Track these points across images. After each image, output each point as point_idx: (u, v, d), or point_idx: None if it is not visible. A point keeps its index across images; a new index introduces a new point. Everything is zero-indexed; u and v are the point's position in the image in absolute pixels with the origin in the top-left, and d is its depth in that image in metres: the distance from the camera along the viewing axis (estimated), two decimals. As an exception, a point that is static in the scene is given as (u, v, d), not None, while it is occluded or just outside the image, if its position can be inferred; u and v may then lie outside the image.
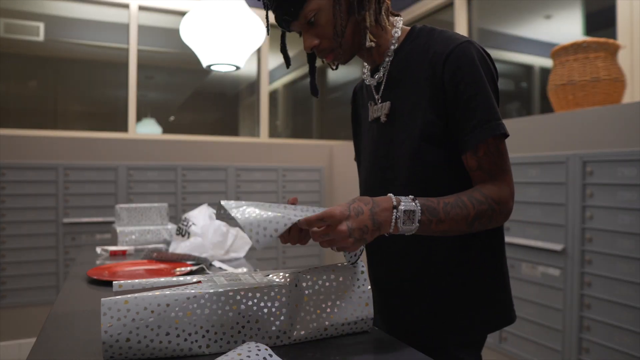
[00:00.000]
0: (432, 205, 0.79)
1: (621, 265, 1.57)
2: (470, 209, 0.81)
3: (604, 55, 1.77)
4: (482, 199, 0.82)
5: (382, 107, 0.96)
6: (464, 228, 0.82)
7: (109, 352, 0.68)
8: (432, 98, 0.87)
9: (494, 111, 0.84)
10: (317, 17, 0.87)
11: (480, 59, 0.84)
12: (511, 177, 0.87)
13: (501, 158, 0.85)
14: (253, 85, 3.90)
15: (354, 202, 0.76)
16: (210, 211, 1.66)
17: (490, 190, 0.83)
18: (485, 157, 0.84)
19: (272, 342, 0.77)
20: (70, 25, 3.31)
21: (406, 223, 0.76)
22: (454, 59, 0.84)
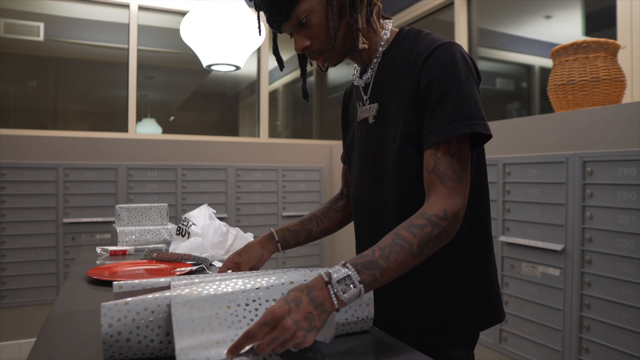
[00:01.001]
0: (367, 259, 0.72)
1: (621, 265, 1.57)
2: (412, 239, 0.74)
3: (604, 55, 1.77)
4: (423, 221, 0.76)
5: (370, 108, 0.97)
6: (414, 260, 0.75)
7: (109, 352, 0.68)
8: (411, 98, 0.87)
9: (466, 111, 0.80)
10: (309, 18, 0.88)
11: (461, 60, 0.83)
12: (466, 186, 0.81)
13: (460, 163, 0.80)
14: (253, 85, 3.90)
15: (290, 294, 0.68)
16: (210, 211, 1.66)
17: (436, 204, 0.78)
18: (443, 158, 0.80)
19: (272, 342, 0.77)
20: (70, 25, 3.31)
21: (347, 291, 0.68)
22: (432, 59, 0.84)
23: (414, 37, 0.92)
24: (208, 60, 1.90)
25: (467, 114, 0.80)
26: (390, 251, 0.73)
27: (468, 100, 0.81)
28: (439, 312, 0.92)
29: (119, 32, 3.33)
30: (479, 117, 0.80)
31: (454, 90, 0.81)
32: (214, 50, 1.85)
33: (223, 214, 3.20)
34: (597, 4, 2.57)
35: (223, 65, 1.94)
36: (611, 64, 1.77)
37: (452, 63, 0.82)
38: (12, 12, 3.11)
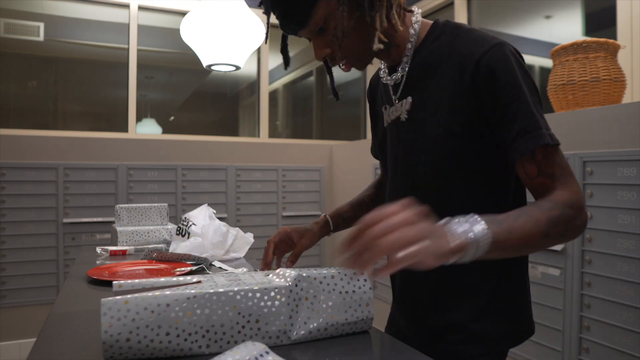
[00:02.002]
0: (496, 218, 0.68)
1: (621, 265, 1.57)
2: (541, 217, 0.70)
3: (604, 55, 1.77)
4: (551, 204, 0.72)
5: (403, 104, 0.90)
6: (538, 240, 0.70)
7: (109, 352, 0.68)
8: (457, 102, 0.81)
9: (536, 119, 0.77)
10: (328, 24, 0.81)
11: (515, 62, 0.79)
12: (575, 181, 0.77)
13: (562, 161, 0.78)
14: (253, 85, 3.90)
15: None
16: (210, 211, 1.65)
17: (560, 195, 0.74)
18: (545, 160, 0.76)
19: (272, 342, 0.77)
20: (70, 25, 3.31)
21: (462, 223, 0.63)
22: (486, 63, 0.78)
23: (452, 32, 0.85)
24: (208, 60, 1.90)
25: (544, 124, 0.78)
26: (518, 216, 0.69)
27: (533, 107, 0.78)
28: (474, 325, 0.89)
29: (119, 32, 3.33)
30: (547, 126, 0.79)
31: (519, 96, 0.77)
32: (214, 50, 1.85)
33: (223, 214, 3.20)
34: (597, 4, 2.57)
35: (223, 65, 1.94)
36: (611, 64, 1.77)
37: (510, 67, 0.78)
38: (12, 12, 3.11)
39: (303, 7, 0.79)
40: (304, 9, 0.79)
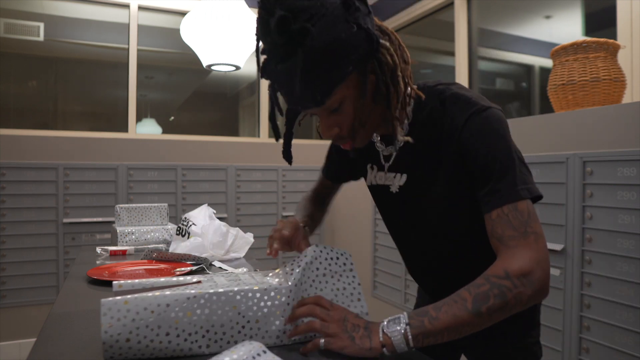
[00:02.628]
0: (421, 309, 0.74)
1: (621, 265, 1.57)
2: (467, 296, 0.72)
3: (604, 55, 1.77)
4: (481, 280, 0.73)
5: (395, 177, 0.93)
6: (470, 317, 0.71)
7: (109, 352, 0.68)
8: (451, 168, 0.84)
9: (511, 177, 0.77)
10: (343, 106, 0.79)
11: (496, 123, 0.80)
12: (535, 239, 0.74)
13: (520, 220, 0.75)
14: (253, 85, 3.90)
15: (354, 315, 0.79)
16: (210, 211, 1.65)
17: (497, 264, 0.74)
18: (498, 220, 0.76)
19: (272, 342, 0.77)
20: (70, 25, 3.31)
21: (391, 326, 0.72)
22: (468, 128, 0.80)
23: (436, 98, 0.85)
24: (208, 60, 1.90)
25: (511, 181, 0.77)
26: (443, 304, 0.73)
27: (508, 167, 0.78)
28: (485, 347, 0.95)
29: (119, 32, 3.33)
30: (522, 182, 0.78)
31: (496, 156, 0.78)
32: (214, 50, 1.85)
33: (223, 214, 3.20)
34: (597, 4, 2.57)
35: (223, 65, 1.94)
36: (611, 64, 1.77)
37: (489, 129, 0.79)
38: (12, 12, 3.11)
39: (324, 87, 0.75)
40: (325, 90, 0.75)
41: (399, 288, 2.71)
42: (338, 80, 0.74)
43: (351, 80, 0.77)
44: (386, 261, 2.84)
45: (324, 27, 0.70)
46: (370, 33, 0.74)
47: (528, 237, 0.74)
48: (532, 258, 0.73)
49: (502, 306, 0.71)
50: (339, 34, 0.71)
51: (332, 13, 0.70)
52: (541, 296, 0.74)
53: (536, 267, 0.72)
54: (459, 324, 0.71)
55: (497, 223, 0.76)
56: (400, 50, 0.82)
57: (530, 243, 0.74)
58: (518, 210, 0.75)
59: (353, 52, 0.73)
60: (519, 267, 0.72)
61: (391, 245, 2.78)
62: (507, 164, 0.78)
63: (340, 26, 0.71)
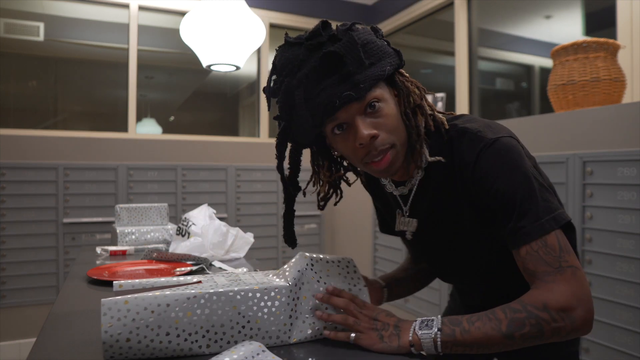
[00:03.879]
0: (456, 317, 0.75)
1: (621, 265, 1.57)
2: (502, 318, 0.71)
3: (604, 55, 1.77)
4: (519, 306, 0.71)
5: (410, 222, 0.92)
6: (501, 339, 0.71)
7: (109, 352, 0.68)
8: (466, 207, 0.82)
9: (534, 209, 0.73)
10: (381, 106, 0.77)
11: (508, 154, 0.76)
12: (573, 273, 0.71)
13: (552, 255, 0.71)
14: (253, 85, 3.90)
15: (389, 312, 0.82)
16: (210, 211, 1.65)
17: (532, 296, 0.72)
18: (528, 257, 0.73)
19: (272, 342, 0.77)
20: (70, 25, 3.31)
21: (423, 328, 0.74)
22: (480, 165, 0.77)
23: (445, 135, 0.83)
24: (208, 60, 1.90)
25: (534, 215, 0.73)
26: (477, 319, 0.73)
27: (529, 198, 0.74)
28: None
29: (119, 32, 3.33)
30: (546, 212, 0.73)
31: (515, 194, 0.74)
32: (214, 50, 1.85)
33: (223, 214, 3.20)
34: (597, 4, 2.57)
35: (223, 65, 1.94)
36: (611, 64, 1.77)
37: (502, 165, 0.76)
38: (12, 12, 3.11)
39: (366, 77, 0.75)
40: (368, 81, 0.75)
41: (399, 288, 2.71)
42: (378, 73, 0.76)
43: (385, 89, 0.79)
44: (386, 261, 2.84)
45: (362, 32, 0.77)
46: (397, 51, 0.81)
47: (564, 271, 0.71)
48: (572, 294, 0.70)
49: (538, 336, 0.71)
50: (372, 37, 0.78)
51: (364, 30, 0.79)
52: (583, 332, 0.72)
53: (577, 303, 0.70)
54: (490, 342, 0.72)
55: (528, 260, 0.73)
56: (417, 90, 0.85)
57: (568, 278, 0.71)
58: (548, 245, 0.72)
59: (387, 57, 0.79)
60: (557, 302, 0.70)
61: (391, 245, 2.78)
62: (527, 195, 0.74)
63: (371, 37, 0.78)
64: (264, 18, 3.58)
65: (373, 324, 0.78)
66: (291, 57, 0.76)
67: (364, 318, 0.79)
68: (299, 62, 0.75)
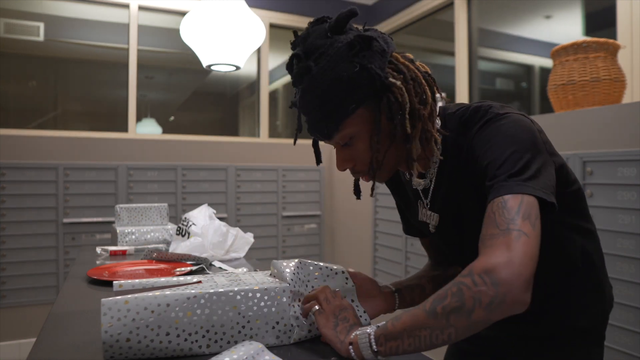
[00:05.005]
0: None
1: (621, 265, 1.57)
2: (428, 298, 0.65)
3: (604, 55, 1.77)
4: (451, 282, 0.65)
5: (432, 216, 0.90)
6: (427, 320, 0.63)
7: (109, 352, 0.68)
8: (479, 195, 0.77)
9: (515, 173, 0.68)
10: (354, 142, 0.79)
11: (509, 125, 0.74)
12: (518, 237, 0.62)
13: (505, 216, 0.64)
14: (253, 85, 3.90)
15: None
16: (210, 211, 1.65)
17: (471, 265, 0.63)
18: (486, 218, 0.67)
19: (272, 342, 0.77)
20: (70, 25, 3.31)
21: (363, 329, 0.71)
22: (478, 138, 0.76)
23: (458, 123, 0.82)
24: (208, 60, 1.90)
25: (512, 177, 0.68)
26: (413, 308, 0.69)
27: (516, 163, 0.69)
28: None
29: (119, 32, 3.33)
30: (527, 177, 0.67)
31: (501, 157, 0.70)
32: (214, 50, 1.85)
33: (223, 214, 3.20)
34: (597, 4, 2.57)
35: (223, 65, 1.94)
36: (611, 64, 1.77)
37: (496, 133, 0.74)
38: (12, 12, 3.11)
39: (331, 122, 0.77)
40: (333, 125, 0.77)
41: (399, 288, 2.71)
42: (342, 117, 0.76)
43: (361, 117, 0.77)
44: (386, 261, 2.84)
45: (327, 65, 0.74)
46: (372, 73, 0.74)
47: (509, 234, 0.62)
48: (503, 256, 0.60)
49: (459, 307, 0.60)
50: (340, 73, 0.74)
51: (336, 53, 0.74)
52: (510, 303, 0.59)
53: (504, 265, 0.59)
54: (417, 325, 0.64)
55: (484, 223, 0.67)
56: (417, 88, 0.78)
57: (509, 241, 0.61)
58: (507, 207, 0.65)
59: (355, 91, 0.75)
60: (482, 264, 0.61)
61: (391, 245, 2.78)
62: (518, 161, 0.69)
63: (343, 65, 0.74)
64: (264, 18, 3.57)
65: (337, 312, 0.77)
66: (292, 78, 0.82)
67: (332, 303, 0.78)
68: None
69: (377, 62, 0.75)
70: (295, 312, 0.79)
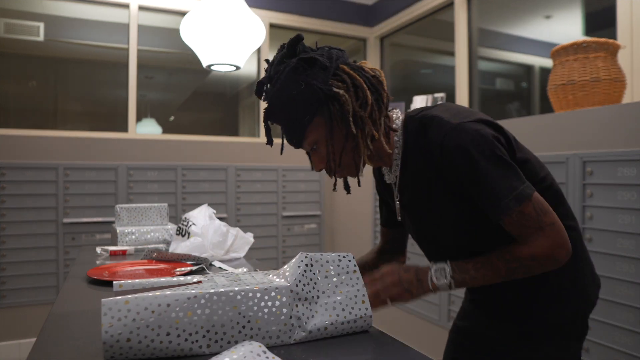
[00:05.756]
0: (464, 264, 0.90)
1: (621, 265, 1.57)
2: (501, 267, 0.87)
3: (604, 55, 1.77)
4: (511, 258, 0.87)
5: (397, 205, 1.05)
6: (500, 280, 0.89)
7: (109, 352, 0.68)
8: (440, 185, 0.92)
9: (497, 192, 0.84)
10: (318, 147, 0.95)
11: (468, 137, 0.85)
12: (551, 228, 0.85)
13: (529, 219, 0.85)
14: (253, 85, 3.90)
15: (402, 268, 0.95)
16: (210, 211, 1.66)
17: (520, 250, 0.86)
18: (511, 226, 0.86)
19: (272, 342, 0.77)
20: (70, 25, 3.31)
21: (439, 278, 0.90)
22: (445, 148, 0.87)
23: (419, 125, 0.94)
24: (208, 60, 1.90)
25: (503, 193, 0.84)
26: (482, 266, 0.88)
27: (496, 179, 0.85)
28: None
29: (119, 32, 3.33)
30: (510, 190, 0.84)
31: (480, 176, 0.85)
32: (214, 50, 1.85)
33: (223, 214, 3.20)
34: (597, 4, 2.57)
35: (223, 65, 1.94)
36: (611, 64, 1.77)
37: (463, 149, 0.85)
38: (12, 12, 3.11)
39: (296, 133, 0.93)
40: (298, 134, 0.94)
41: (399, 288, 2.71)
42: (302, 127, 0.92)
43: (319, 125, 0.92)
44: (386, 261, 2.84)
45: (280, 87, 0.90)
46: (315, 89, 0.89)
47: (544, 229, 0.85)
48: (553, 244, 0.85)
49: (526, 275, 0.88)
50: (291, 92, 0.90)
51: (285, 76, 0.89)
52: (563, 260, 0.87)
53: (558, 250, 0.85)
54: (491, 282, 0.89)
55: (512, 228, 0.86)
56: (359, 92, 0.91)
57: (548, 233, 0.85)
58: (525, 214, 0.84)
59: (304, 104, 0.90)
60: (542, 253, 0.85)
61: (391, 245, 2.77)
62: (491, 175, 0.84)
63: (292, 85, 0.89)
64: (264, 18, 3.58)
65: (401, 286, 0.91)
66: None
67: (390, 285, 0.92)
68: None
69: (320, 77, 0.89)
70: (297, 312, 0.79)
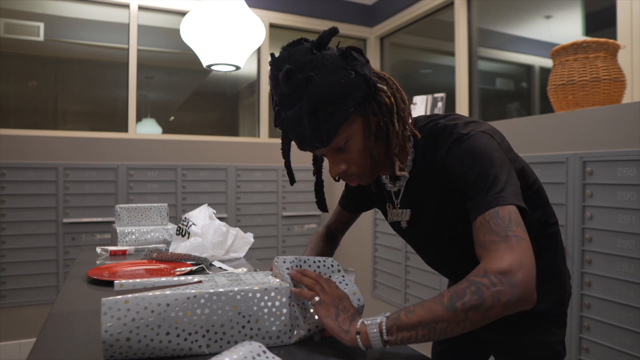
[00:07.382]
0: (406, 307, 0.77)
1: (621, 265, 1.57)
2: (445, 293, 0.72)
3: (604, 55, 1.77)
4: (463, 280, 0.73)
5: (403, 213, 0.99)
6: (444, 312, 0.70)
7: (109, 352, 0.68)
8: (446, 198, 0.89)
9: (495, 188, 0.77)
10: (348, 144, 0.86)
11: (476, 145, 0.82)
12: (519, 242, 0.72)
13: (501, 225, 0.74)
14: (253, 85, 3.90)
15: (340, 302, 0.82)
16: (210, 211, 1.66)
17: (479, 266, 0.73)
18: (480, 228, 0.76)
19: (272, 342, 0.77)
20: (70, 25, 3.31)
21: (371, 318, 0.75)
22: (451, 155, 0.84)
23: (428, 135, 0.90)
24: (208, 60, 1.90)
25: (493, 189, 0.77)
26: (424, 301, 0.74)
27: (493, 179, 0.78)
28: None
29: (119, 32, 3.33)
30: (506, 190, 0.77)
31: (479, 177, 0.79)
32: (214, 50, 1.85)
33: (223, 214, 3.20)
34: (597, 4, 2.57)
35: (223, 65, 1.94)
36: (611, 64, 1.77)
37: (469, 155, 0.82)
38: (12, 12, 3.11)
39: (330, 128, 0.82)
40: (331, 130, 0.82)
41: (399, 288, 2.71)
42: (341, 120, 0.82)
43: (355, 121, 0.85)
44: (386, 261, 2.84)
45: (325, 74, 0.80)
46: (367, 78, 0.83)
47: (509, 240, 0.72)
48: (513, 259, 0.70)
49: (479, 304, 0.69)
50: (339, 80, 0.81)
51: (332, 63, 0.81)
52: (524, 302, 0.70)
53: (517, 267, 0.69)
54: (433, 318, 0.70)
55: (480, 231, 0.76)
56: (398, 92, 0.88)
57: (512, 245, 0.71)
58: (499, 216, 0.74)
59: (352, 94, 0.82)
60: (496, 266, 0.70)
61: (391, 245, 2.78)
62: (490, 178, 0.78)
63: (340, 73, 0.81)
64: (264, 18, 3.57)
65: (337, 302, 0.80)
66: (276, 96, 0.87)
67: (331, 293, 0.81)
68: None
69: (366, 69, 0.84)
70: (296, 312, 0.79)
